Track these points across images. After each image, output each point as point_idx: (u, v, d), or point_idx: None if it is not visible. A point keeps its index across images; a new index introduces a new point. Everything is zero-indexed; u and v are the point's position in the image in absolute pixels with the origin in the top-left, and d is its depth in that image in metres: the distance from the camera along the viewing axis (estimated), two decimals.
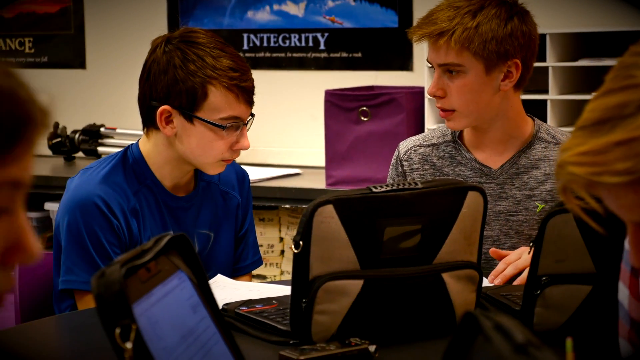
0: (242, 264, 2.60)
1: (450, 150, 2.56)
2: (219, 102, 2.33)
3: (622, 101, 1.15)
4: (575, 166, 1.16)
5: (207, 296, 1.51)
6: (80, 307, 2.34)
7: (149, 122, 2.40)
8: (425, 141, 2.60)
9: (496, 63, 2.42)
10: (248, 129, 2.41)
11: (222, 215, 2.53)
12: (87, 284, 2.32)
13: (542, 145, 2.52)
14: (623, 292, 1.52)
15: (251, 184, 2.65)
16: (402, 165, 2.60)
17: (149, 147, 2.42)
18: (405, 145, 2.62)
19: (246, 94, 2.36)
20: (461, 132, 2.58)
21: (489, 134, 2.52)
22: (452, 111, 2.46)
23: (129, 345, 1.27)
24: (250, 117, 2.40)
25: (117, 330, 1.28)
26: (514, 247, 2.48)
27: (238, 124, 2.36)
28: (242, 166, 2.66)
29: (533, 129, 2.54)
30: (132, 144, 2.45)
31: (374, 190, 1.84)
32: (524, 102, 2.56)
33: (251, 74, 2.38)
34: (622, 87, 1.16)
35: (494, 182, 2.51)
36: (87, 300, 2.33)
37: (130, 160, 2.41)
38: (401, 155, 2.61)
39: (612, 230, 1.31)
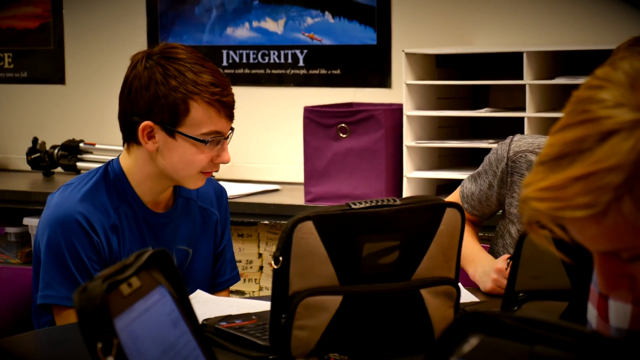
0: (221, 280, 2.61)
1: None
2: (200, 117, 2.35)
3: (580, 136, 1.17)
4: (538, 202, 1.18)
5: (187, 311, 1.52)
6: (59, 322, 2.34)
7: (130, 138, 2.41)
8: (539, 148, 2.47)
9: None
10: (228, 143, 2.43)
11: (200, 231, 2.54)
12: (66, 299, 2.32)
13: None
14: (591, 313, 1.53)
15: (230, 200, 2.67)
16: (507, 165, 2.50)
17: (130, 163, 2.43)
18: (518, 145, 2.51)
19: (227, 109, 2.38)
20: None
21: None
22: None
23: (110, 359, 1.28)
24: (231, 131, 2.42)
25: (99, 345, 1.28)
26: None
27: (219, 139, 2.38)
28: (221, 182, 2.68)
29: None
30: (112, 160, 2.45)
31: (353, 206, 1.86)
32: (502, 119, 2.58)
33: (231, 88, 2.41)
34: (579, 121, 1.18)
35: None
36: (65, 316, 2.33)
37: (112, 176, 2.42)
38: (510, 154, 2.50)
39: (580, 254, 1.33)
